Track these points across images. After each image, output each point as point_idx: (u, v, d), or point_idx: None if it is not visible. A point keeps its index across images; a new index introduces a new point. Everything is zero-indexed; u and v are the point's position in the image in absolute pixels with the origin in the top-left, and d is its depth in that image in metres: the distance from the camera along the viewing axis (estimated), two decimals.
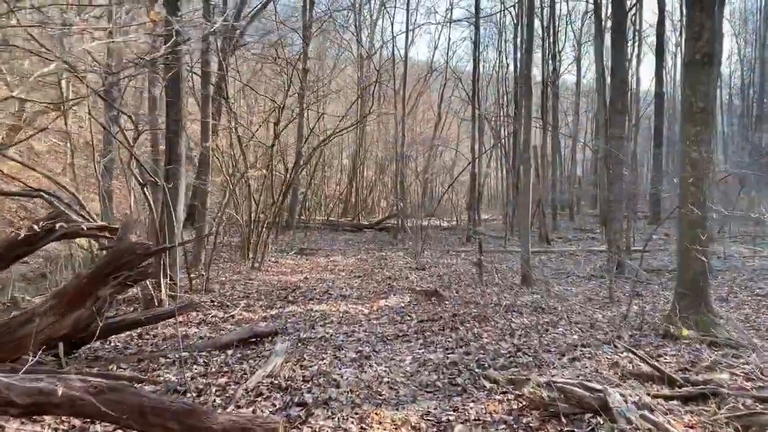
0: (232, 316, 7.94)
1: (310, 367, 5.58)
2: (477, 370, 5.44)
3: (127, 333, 6.61)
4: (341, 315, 8.26)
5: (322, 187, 29.06)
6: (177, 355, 5.70)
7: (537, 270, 13.34)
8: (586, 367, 5.53)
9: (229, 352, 6.16)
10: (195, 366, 5.64)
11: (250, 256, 13.14)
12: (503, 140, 28.90)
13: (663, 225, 27.13)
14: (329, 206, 27.62)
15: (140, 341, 6.57)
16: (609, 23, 30.22)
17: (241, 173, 13.16)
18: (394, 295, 9.90)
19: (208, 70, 12.57)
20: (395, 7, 31.23)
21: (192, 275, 10.94)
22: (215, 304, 8.73)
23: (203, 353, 6.04)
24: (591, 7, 37.20)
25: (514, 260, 15.65)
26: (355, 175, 29.43)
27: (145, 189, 7.38)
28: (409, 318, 8.04)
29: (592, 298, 10.07)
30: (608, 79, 29.16)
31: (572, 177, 35.91)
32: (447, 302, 9.13)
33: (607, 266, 13.27)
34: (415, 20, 41.48)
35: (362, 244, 19.16)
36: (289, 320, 7.82)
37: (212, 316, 7.91)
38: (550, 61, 25.35)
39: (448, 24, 35.27)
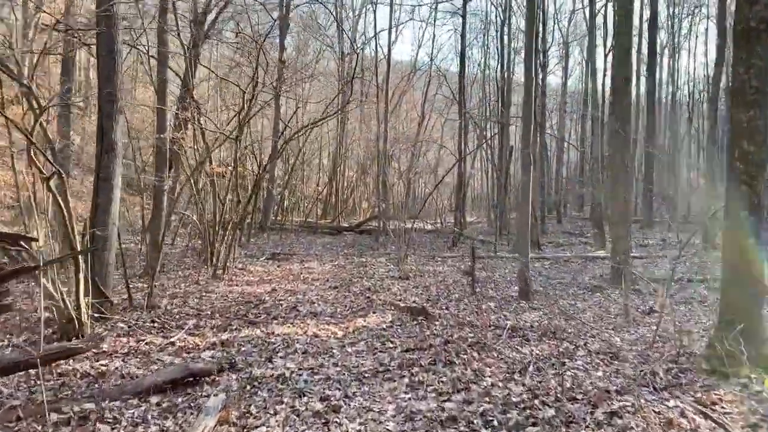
0: (173, 343, 6.32)
1: (255, 429, 4.02)
2: None
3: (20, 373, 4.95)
4: (308, 340, 6.68)
5: (300, 186, 27.45)
6: (72, 410, 4.11)
7: (533, 280, 11.90)
8: (631, 429, 4.04)
9: (153, 400, 4.57)
10: (99, 425, 4.05)
11: (214, 262, 11.50)
12: (489, 140, 27.49)
13: (654, 229, 26.07)
14: (308, 207, 26.00)
15: (36, 383, 4.92)
16: (602, 20, 29.16)
17: (200, 169, 11.52)
18: (374, 312, 8.34)
19: (165, 50, 10.91)
20: (377, 3, 29.67)
21: (144, 286, 9.36)
22: (156, 325, 7.10)
23: (117, 402, 4.44)
24: (579, 5, 36.33)
25: (506, 268, 14.23)
26: (335, 174, 27.83)
27: (50, 182, 5.74)
28: (391, 345, 6.49)
29: (602, 316, 8.63)
30: (600, 77, 28.20)
31: (559, 178, 34.64)
32: (437, 322, 7.60)
33: (612, 276, 11.91)
34: (399, 17, 40.10)
35: (341, 249, 17.58)
36: (243, 348, 6.23)
37: (146, 343, 6.28)
38: (542, 57, 23.90)
39: (433, 20, 33.83)
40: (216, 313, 8.01)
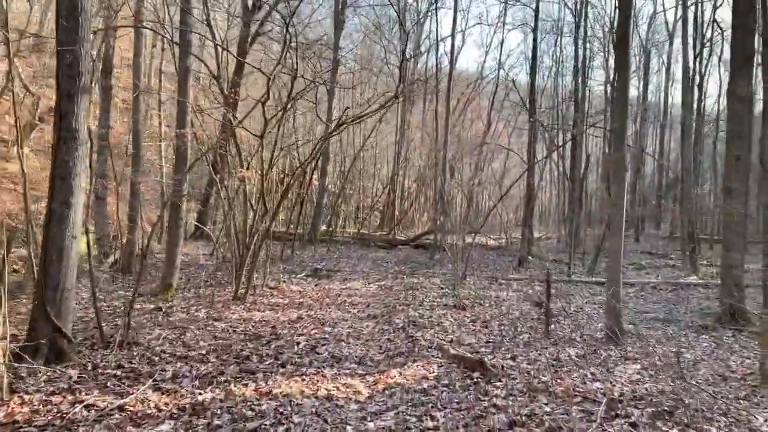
0: (122, 407, 4.44)
1: None
2: None
3: None
4: (316, 407, 4.65)
5: (356, 196, 25.67)
6: None
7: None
8: None
9: None
10: None
11: (239, 281, 9.71)
12: (560, 147, 24.79)
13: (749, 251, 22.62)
14: (363, 218, 24.16)
15: None
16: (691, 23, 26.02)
17: (232, 174, 9.81)
18: (416, 360, 6.22)
19: (186, 28, 9.26)
20: (440, 8, 27.59)
21: (155, 308, 7.64)
22: (119, 373, 5.25)
23: None
24: (660, 7, 33.25)
25: (584, 296, 11.81)
26: (393, 184, 25.86)
27: None
28: (431, 424, 4.39)
29: (724, 375, 6.22)
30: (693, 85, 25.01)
31: (640, 193, 31.41)
32: (499, 384, 5.42)
33: (722, 314, 9.33)
34: (466, 21, 37.92)
35: (392, 265, 15.53)
36: (217, 421, 4.28)
37: (86, 406, 4.42)
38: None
39: (502, 23, 31.50)
40: (211, 353, 6.12)
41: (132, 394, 4.67)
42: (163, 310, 8.37)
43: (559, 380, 5.65)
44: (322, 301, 9.88)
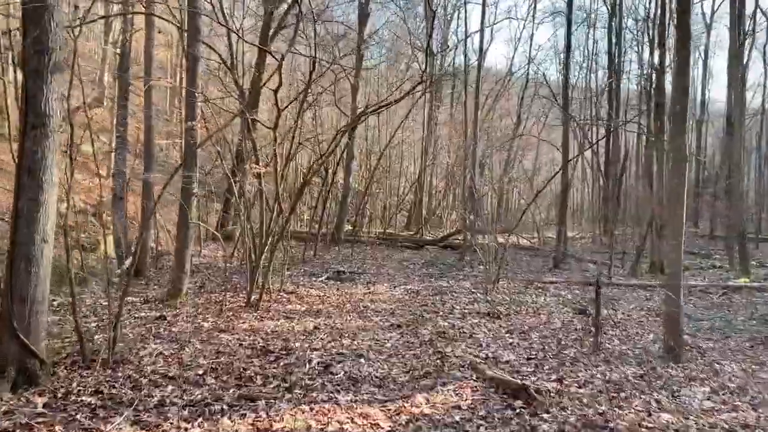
0: None
1: None
2: None
3: None
4: None
5: (382, 195, 24.77)
6: None
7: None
8: None
9: None
10: None
11: (253, 286, 8.87)
12: (595, 144, 23.46)
13: None
14: (389, 217, 23.25)
15: None
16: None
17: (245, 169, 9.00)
18: (446, 383, 5.26)
19: (195, 10, 8.45)
20: (467, 1, 26.49)
21: (159, 317, 6.86)
22: (93, 402, 4.42)
23: None
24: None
25: (630, 301, 10.72)
26: (420, 182, 24.89)
27: None
28: None
29: None
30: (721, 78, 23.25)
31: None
32: (547, 417, 4.44)
33: None
34: (495, 16, 36.68)
35: (419, 267, 14.56)
36: None
37: None
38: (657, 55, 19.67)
39: (532, 17, 30.26)
40: (209, 373, 5.26)
41: (103, 431, 3.83)
42: (167, 319, 7.58)
43: (618, 410, 4.65)
44: (343, 308, 8.99)
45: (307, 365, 5.65)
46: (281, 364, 5.72)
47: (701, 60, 35.13)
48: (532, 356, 6.35)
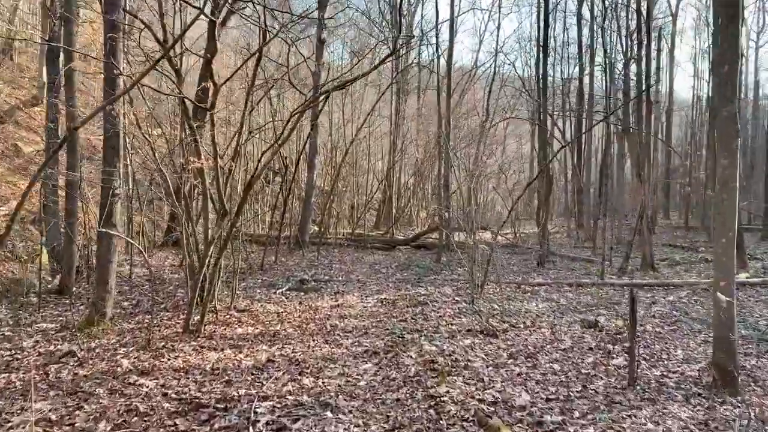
0: None
1: None
2: None
3: None
4: None
5: (348, 193, 23.05)
6: None
7: (683, 325, 6.94)
8: None
9: None
10: None
11: (199, 307, 7.09)
12: (576, 139, 22.17)
13: None
14: (357, 217, 21.54)
15: None
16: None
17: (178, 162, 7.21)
18: None
19: None
20: None
21: (67, 352, 5.10)
22: None
23: None
24: None
25: (639, 305, 9.26)
26: (389, 179, 23.25)
27: None
28: None
29: None
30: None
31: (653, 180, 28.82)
32: None
33: None
34: (459, 9, 35.24)
35: (392, 271, 12.91)
36: None
37: None
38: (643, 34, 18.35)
39: (498, 7, 28.92)
40: None
41: None
42: (78, 356, 5.77)
43: None
44: (305, 329, 7.28)
45: (251, 430, 3.95)
46: (215, 427, 4.01)
47: (666, 48, 34.39)
48: (552, 395, 4.77)
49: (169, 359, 5.71)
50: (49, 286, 9.52)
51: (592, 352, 6.21)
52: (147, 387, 4.82)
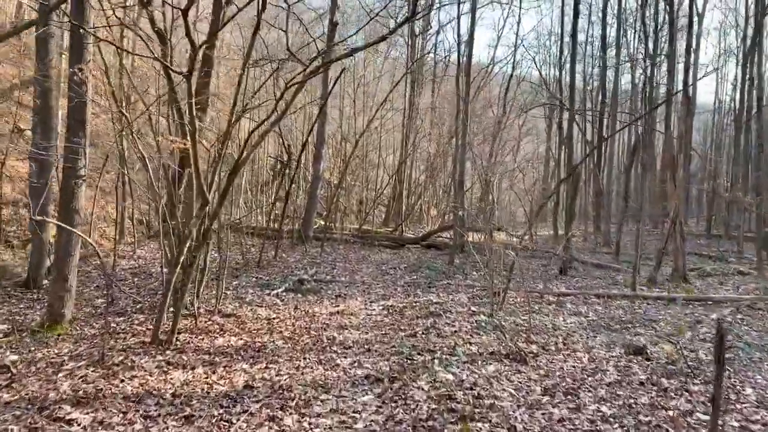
0: None
1: None
2: None
3: None
4: None
5: (357, 188, 21.85)
6: None
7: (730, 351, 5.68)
8: None
9: None
10: None
11: (172, 313, 5.94)
12: (606, 139, 20.80)
13: None
14: (366, 213, 20.34)
15: None
16: None
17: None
18: None
19: None
20: None
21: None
22: None
23: None
24: None
25: (668, 320, 8.07)
26: (400, 174, 22.00)
27: None
28: None
29: None
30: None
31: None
32: None
33: None
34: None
35: (401, 273, 11.69)
36: None
37: None
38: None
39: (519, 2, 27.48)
40: None
41: None
42: (13, 371, 4.62)
43: None
44: (298, 341, 6.11)
45: None
46: None
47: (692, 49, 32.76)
48: None
49: (123, 380, 4.55)
50: (17, 279, 8.43)
51: (644, 388, 4.98)
52: (77, 425, 3.66)
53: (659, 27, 21.02)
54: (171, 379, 4.67)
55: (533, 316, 7.94)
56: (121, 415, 3.87)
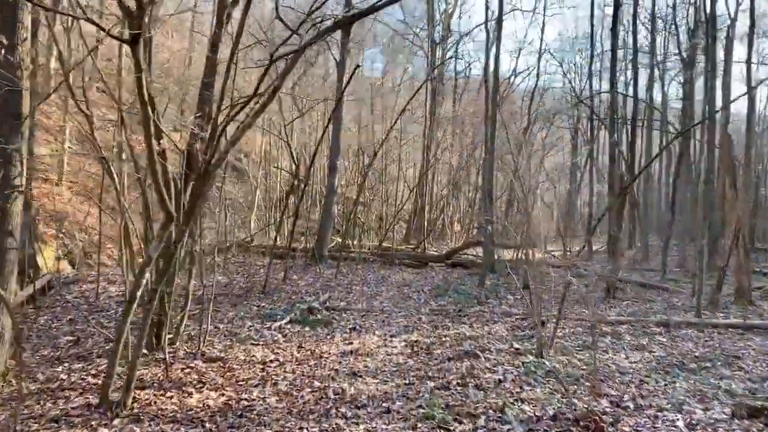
0: None
1: None
2: None
3: None
4: None
5: (376, 203, 20.40)
6: None
7: None
8: None
9: None
10: None
11: (128, 364, 4.51)
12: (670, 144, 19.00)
13: None
14: (386, 229, 18.84)
15: None
16: None
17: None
18: None
19: None
20: None
21: None
22: None
23: None
24: None
25: (752, 355, 6.42)
26: (421, 187, 20.50)
27: None
28: None
29: None
30: None
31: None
32: None
33: None
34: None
35: (425, 297, 10.12)
36: None
37: None
38: None
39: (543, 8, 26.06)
40: None
41: None
42: None
43: None
44: (296, 397, 4.62)
45: None
46: None
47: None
48: None
49: None
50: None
51: None
52: None
53: (695, 27, 19.35)
54: None
55: (590, 353, 6.34)
56: None
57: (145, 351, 5.64)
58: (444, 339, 6.88)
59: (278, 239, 15.65)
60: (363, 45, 23.59)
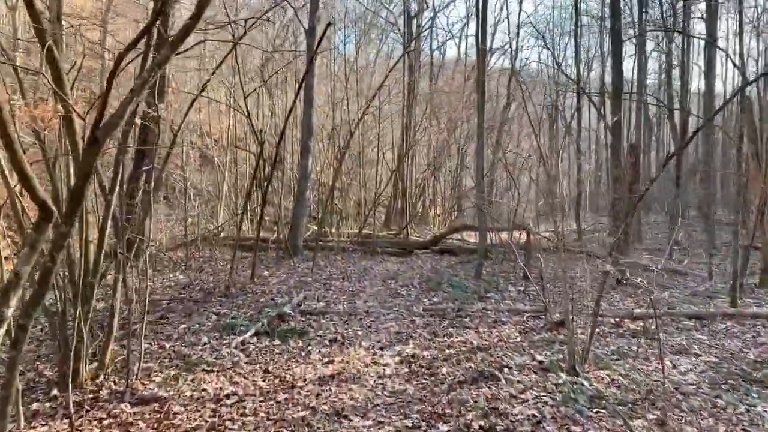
0: None
1: None
2: None
3: None
4: None
5: (354, 187, 18.89)
6: None
7: None
8: None
9: None
10: None
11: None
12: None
13: None
14: (365, 215, 17.32)
15: None
16: None
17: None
18: None
19: None
20: None
21: None
22: None
23: None
24: None
25: None
26: (400, 170, 19.00)
27: None
28: None
29: None
30: None
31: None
32: None
33: None
34: None
35: (417, 291, 8.68)
36: None
37: None
38: None
39: None
40: None
41: None
42: None
43: None
44: None
45: None
46: None
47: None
48: None
49: None
50: None
51: None
52: None
53: None
54: None
55: (625, 361, 5.01)
56: None
57: (55, 393, 4.15)
58: (448, 351, 5.46)
59: (248, 230, 14.08)
60: (333, 22, 21.85)
